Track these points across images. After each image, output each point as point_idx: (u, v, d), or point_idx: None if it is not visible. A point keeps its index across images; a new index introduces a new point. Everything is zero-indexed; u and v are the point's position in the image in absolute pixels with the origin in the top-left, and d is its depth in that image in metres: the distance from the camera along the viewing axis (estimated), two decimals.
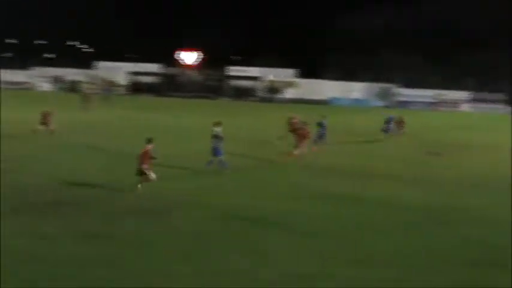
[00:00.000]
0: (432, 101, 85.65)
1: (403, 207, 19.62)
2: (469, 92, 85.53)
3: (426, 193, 22.07)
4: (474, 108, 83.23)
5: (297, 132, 29.98)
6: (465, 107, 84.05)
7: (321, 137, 34.08)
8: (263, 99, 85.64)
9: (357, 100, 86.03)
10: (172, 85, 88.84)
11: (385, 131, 39.92)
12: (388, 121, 40.52)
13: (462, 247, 15.46)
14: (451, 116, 69.92)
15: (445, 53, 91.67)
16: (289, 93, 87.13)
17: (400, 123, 41.60)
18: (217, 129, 24.84)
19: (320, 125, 34.54)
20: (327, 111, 42.83)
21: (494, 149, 36.99)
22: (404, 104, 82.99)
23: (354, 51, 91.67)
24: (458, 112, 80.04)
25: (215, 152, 24.24)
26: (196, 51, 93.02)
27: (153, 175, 19.68)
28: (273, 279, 12.49)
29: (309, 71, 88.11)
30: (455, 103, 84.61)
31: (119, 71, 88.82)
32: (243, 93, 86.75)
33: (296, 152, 28.58)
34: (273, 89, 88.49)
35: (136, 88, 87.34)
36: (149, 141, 19.93)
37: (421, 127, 49.13)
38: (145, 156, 19.59)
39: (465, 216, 18.86)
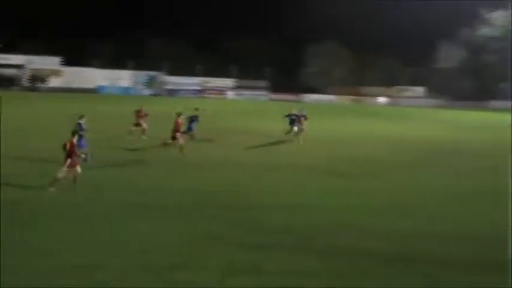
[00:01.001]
0: (199, 88, 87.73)
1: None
2: (233, 80, 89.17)
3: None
4: (239, 95, 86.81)
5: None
6: (231, 94, 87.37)
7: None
8: (27, 88, 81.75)
9: (125, 88, 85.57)
10: None
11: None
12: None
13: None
14: (218, 103, 72.46)
15: (210, 40, 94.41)
16: (54, 82, 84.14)
17: None
18: (81, 122, 25.25)
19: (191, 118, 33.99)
20: (95, 100, 42.03)
21: (257, 135, 39.46)
22: (172, 92, 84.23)
23: (121, 38, 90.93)
24: (224, 99, 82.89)
25: (79, 144, 23.58)
26: None
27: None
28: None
29: (76, 59, 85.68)
30: (221, 90, 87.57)
31: None
32: (4, 82, 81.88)
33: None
34: (37, 77, 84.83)
35: None
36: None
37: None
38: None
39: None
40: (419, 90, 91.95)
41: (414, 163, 31.46)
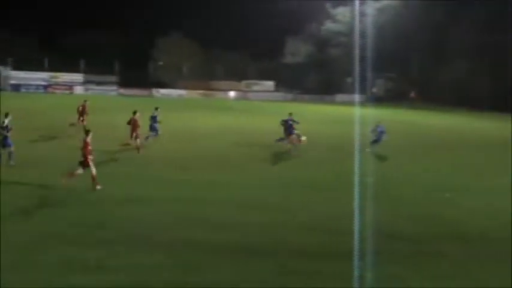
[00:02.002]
0: (46, 83, 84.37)
1: None
2: (81, 75, 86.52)
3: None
4: (87, 90, 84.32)
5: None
6: (79, 90, 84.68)
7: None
8: None
9: None
10: None
11: None
12: None
13: None
14: (66, 98, 69.98)
15: (57, 34, 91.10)
16: None
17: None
18: (6, 120, 24.43)
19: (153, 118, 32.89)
20: None
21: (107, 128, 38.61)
22: (16, 87, 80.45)
23: None
24: (72, 95, 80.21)
25: (4, 143, 23.81)
26: None
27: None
28: None
29: None
30: (69, 86, 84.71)
31: None
32: None
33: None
34: None
35: None
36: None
37: (34, 110, 48.51)
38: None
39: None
40: (269, 84, 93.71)
41: (266, 156, 31.95)
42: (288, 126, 33.36)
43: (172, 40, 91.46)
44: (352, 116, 48.50)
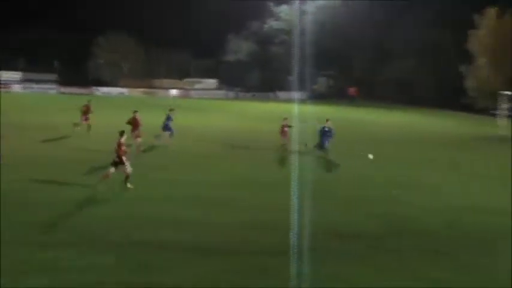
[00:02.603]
0: None
1: None
2: (20, 73, 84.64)
3: None
4: (25, 89, 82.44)
5: None
6: (17, 88, 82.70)
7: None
8: None
9: None
10: None
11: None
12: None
13: None
14: (4, 97, 68.32)
15: None
16: None
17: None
18: None
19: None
20: None
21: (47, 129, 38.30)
22: None
23: None
24: (10, 93, 78.27)
25: None
26: None
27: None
28: None
29: None
30: (7, 84, 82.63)
31: None
32: None
33: None
34: None
35: None
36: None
37: None
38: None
39: None
40: (211, 82, 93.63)
41: (211, 154, 32.09)
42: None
43: (113, 38, 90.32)
44: (294, 113, 48.93)
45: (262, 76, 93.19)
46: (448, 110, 67.13)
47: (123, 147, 21.60)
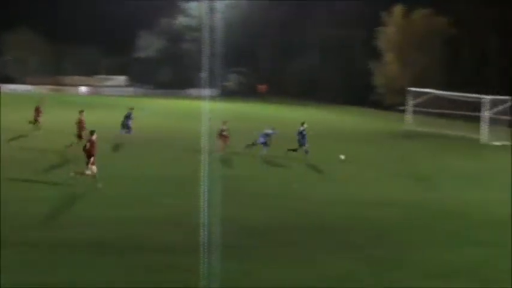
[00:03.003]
0: None
1: None
2: None
3: None
4: None
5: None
6: None
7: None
8: None
9: None
10: None
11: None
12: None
13: None
14: None
15: None
16: None
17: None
18: None
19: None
20: None
21: None
22: None
23: None
24: None
25: None
26: None
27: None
28: None
29: None
30: None
31: None
32: None
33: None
34: None
35: None
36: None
37: None
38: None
39: None
40: (121, 79, 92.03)
41: (117, 151, 31.92)
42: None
43: (21, 35, 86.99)
44: (204, 110, 48.59)
45: (173, 73, 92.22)
46: (357, 107, 68.12)
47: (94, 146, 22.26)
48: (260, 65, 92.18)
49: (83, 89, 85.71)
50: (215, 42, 68.49)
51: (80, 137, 29.99)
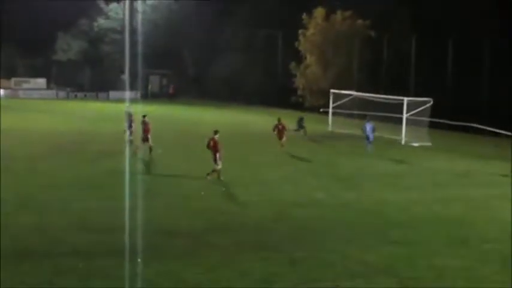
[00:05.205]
0: None
1: None
2: None
3: None
4: None
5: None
6: None
7: None
8: None
9: None
10: None
11: None
12: None
13: None
14: None
15: None
16: None
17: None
18: None
19: None
20: None
21: None
22: None
23: None
24: None
25: None
26: None
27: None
28: None
29: None
30: None
31: None
32: None
33: None
34: None
35: None
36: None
37: None
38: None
39: None
40: (40, 82, 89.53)
41: (37, 156, 31.44)
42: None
43: None
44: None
45: (94, 75, 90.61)
46: (278, 108, 68.38)
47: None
48: (184, 66, 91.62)
49: (1, 91, 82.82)
50: (136, 44, 67.62)
51: (145, 140, 31.27)
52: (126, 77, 77.08)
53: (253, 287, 13.85)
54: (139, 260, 14.61)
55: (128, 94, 72.58)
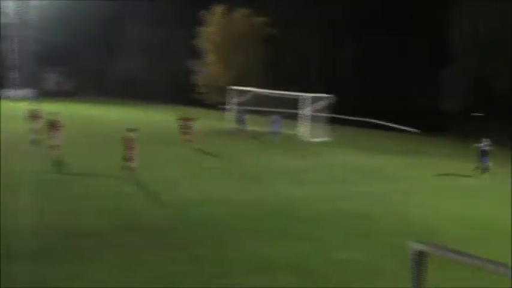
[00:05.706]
0: None
1: None
2: None
3: None
4: None
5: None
6: None
7: None
8: None
9: None
10: None
11: None
12: None
13: None
14: None
15: None
16: None
17: None
18: None
19: None
20: None
21: None
22: None
23: None
24: None
25: None
26: None
27: None
28: None
29: None
30: None
31: None
32: None
33: None
34: None
35: None
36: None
37: None
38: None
39: None
40: None
41: None
42: None
43: None
44: (20, 111, 46.15)
45: None
46: (179, 105, 67.81)
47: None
48: (82, 64, 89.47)
49: None
50: (30, 41, 65.42)
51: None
52: (19, 75, 74.70)
53: (154, 286, 13.54)
54: (40, 262, 14.14)
55: (22, 92, 70.37)
